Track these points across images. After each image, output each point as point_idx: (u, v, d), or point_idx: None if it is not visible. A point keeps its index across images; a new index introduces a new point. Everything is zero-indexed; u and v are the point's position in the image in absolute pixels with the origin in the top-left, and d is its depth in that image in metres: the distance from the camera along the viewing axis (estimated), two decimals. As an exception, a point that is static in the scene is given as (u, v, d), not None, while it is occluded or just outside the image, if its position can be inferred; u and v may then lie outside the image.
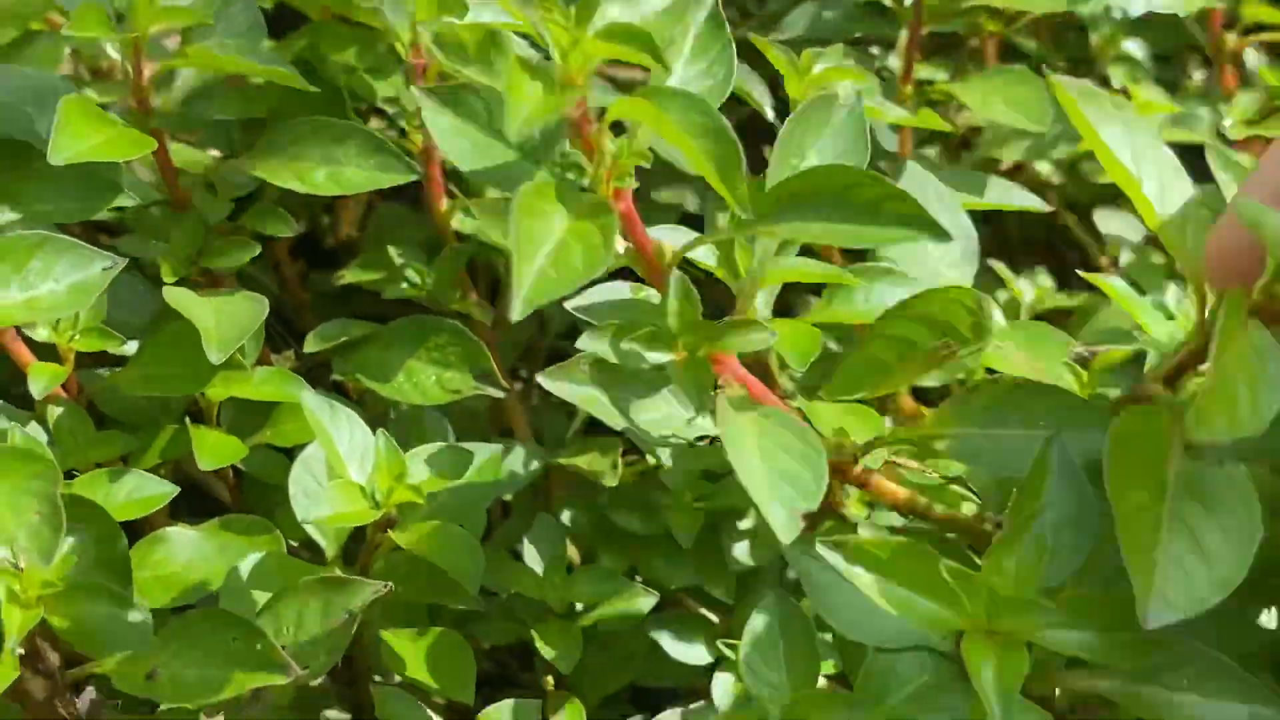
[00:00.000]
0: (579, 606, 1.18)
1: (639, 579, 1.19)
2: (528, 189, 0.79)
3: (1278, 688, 0.83)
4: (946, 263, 1.16)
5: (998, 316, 0.91)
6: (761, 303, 1.05)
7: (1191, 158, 0.99)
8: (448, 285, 1.29)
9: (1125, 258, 1.44)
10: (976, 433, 0.90)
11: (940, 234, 0.81)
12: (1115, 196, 1.45)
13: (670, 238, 0.96)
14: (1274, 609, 0.93)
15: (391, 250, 1.32)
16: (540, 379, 0.93)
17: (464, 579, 1.03)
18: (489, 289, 1.41)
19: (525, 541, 1.20)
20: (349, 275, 1.35)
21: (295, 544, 1.16)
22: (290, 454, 1.17)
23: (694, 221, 1.32)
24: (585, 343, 0.88)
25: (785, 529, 0.79)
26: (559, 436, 1.35)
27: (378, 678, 1.14)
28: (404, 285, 1.30)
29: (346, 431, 1.09)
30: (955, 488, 0.99)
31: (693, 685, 1.22)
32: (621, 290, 0.94)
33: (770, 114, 1.22)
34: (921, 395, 1.20)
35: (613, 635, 1.19)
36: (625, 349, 0.87)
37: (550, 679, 1.18)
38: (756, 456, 0.82)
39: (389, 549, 1.09)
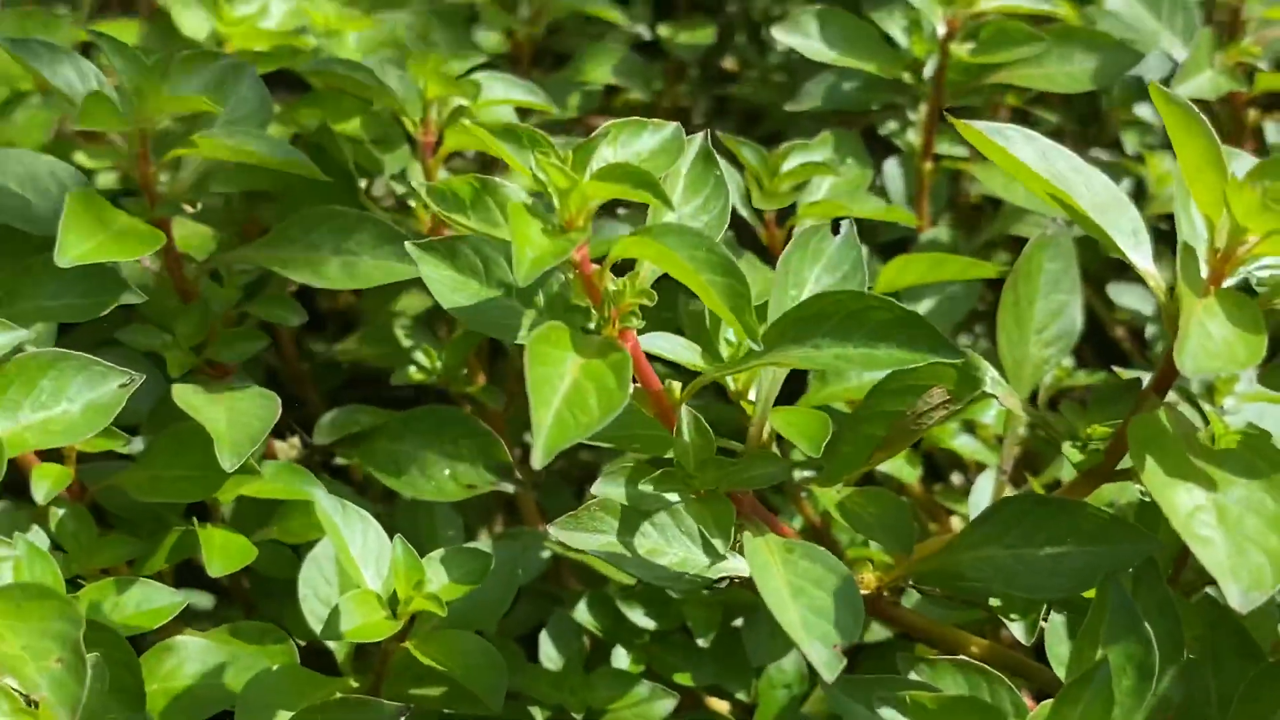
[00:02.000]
0: (597, 709, 1.14)
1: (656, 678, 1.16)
2: (540, 334, 0.76)
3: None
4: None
5: (992, 374, 0.89)
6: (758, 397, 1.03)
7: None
8: (458, 369, 1.26)
9: (1149, 331, 1.42)
10: (1004, 554, 0.88)
11: (954, 354, 0.80)
12: (1125, 269, 1.43)
13: (672, 350, 0.93)
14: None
15: (399, 331, 1.29)
16: (553, 530, 0.90)
17: (487, 694, 1.00)
18: (491, 363, 1.37)
19: (541, 640, 1.16)
20: (352, 350, 1.32)
21: (302, 643, 1.12)
22: (298, 550, 1.14)
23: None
24: (600, 488, 0.86)
25: (828, 667, 0.76)
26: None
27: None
28: (412, 369, 1.26)
29: (360, 534, 1.05)
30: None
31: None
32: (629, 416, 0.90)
33: (747, 214, 1.20)
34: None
35: (629, 741, 1.15)
36: (641, 491, 0.84)
37: (564, 791, 1.15)
38: (787, 594, 0.80)
39: (404, 658, 1.05)
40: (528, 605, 1.26)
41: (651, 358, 0.89)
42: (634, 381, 0.89)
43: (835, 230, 0.96)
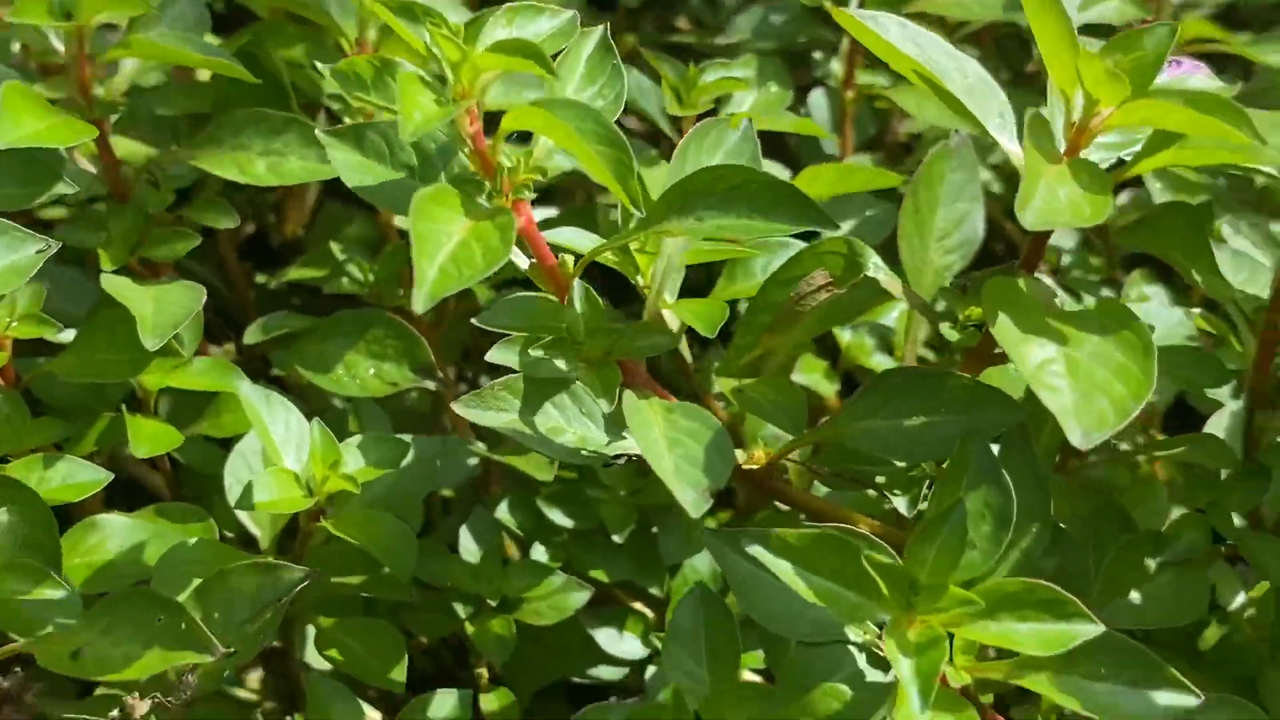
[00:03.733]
0: (513, 599, 1.19)
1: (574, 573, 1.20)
2: (424, 194, 0.82)
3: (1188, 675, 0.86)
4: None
5: (875, 260, 0.93)
6: (668, 292, 1.07)
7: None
8: (390, 282, 1.30)
9: (1065, 260, 1.46)
10: (882, 424, 0.92)
11: (829, 224, 0.84)
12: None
13: (574, 239, 0.98)
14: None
15: (334, 247, 1.33)
16: (456, 408, 0.94)
17: (396, 568, 1.04)
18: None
19: (461, 534, 1.20)
20: (293, 272, 1.36)
21: (231, 535, 1.17)
22: (228, 446, 1.18)
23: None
24: (494, 354, 0.90)
25: (694, 506, 0.81)
26: (499, 435, 1.36)
27: (311, 668, 1.14)
28: (345, 280, 1.31)
29: (282, 420, 1.10)
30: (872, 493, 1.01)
31: (628, 683, 1.23)
32: (531, 300, 0.95)
33: (666, 126, 1.24)
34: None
35: (547, 629, 1.20)
36: (533, 357, 0.89)
37: (484, 672, 1.19)
38: (664, 445, 0.84)
39: (322, 539, 1.10)
40: (459, 517, 1.30)
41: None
42: (530, 258, 0.94)
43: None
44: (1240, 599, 1.12)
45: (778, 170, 1.32)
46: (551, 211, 1.34)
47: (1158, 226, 0.90)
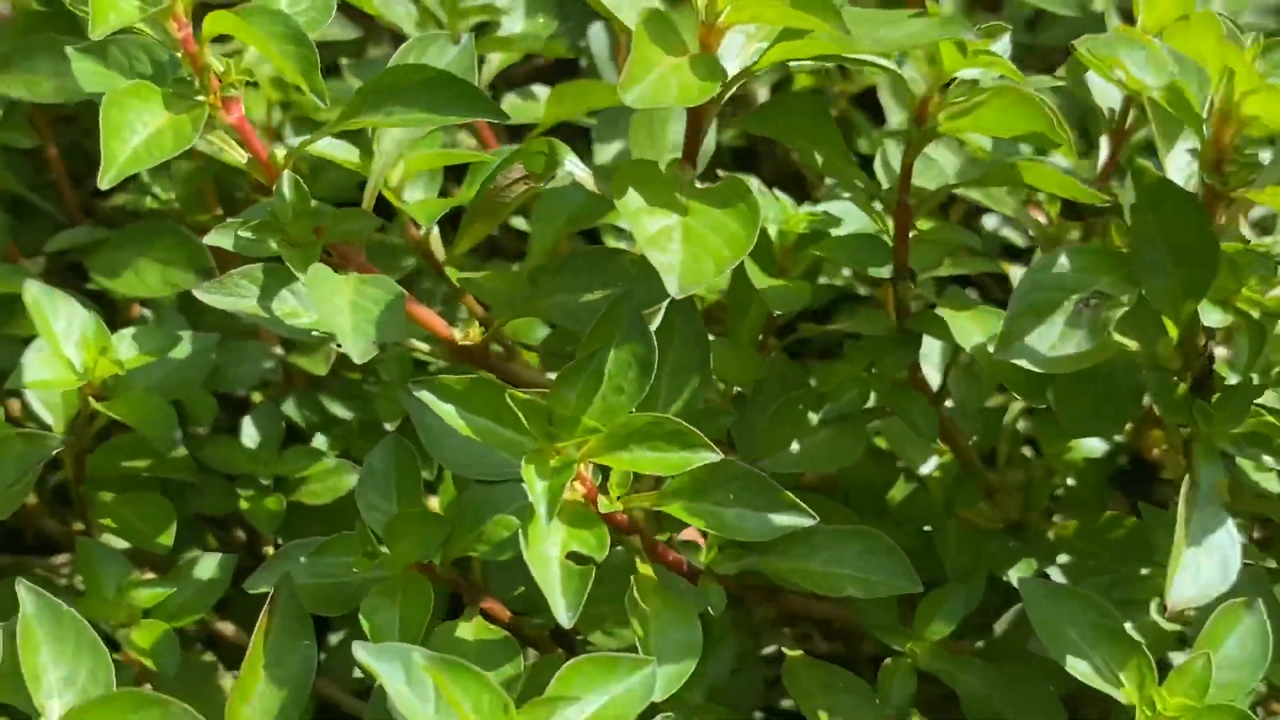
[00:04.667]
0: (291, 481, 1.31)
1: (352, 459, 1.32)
2: (120, 89, 0.93)
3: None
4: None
5: (571, 158, 1.05)
6: (422, 191, 1.20)
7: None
8: (190, 200, 1.42)
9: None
10: (569, 298, 1.05)
11: (499, 114, 0.97)
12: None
13: (326, 148, 1.11)
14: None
15: (145, 175, 1.45)
16: (197, 294, 1.05)
17: (158, 440, 1.17)
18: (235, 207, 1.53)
19: (244, 424, 1.33)
20: (116, 199, 1.48)
21: (32, 425, 1.29)
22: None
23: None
24: (210, 238, 1.02)
25: (360, 354, 0.93)
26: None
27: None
28: (149, 199, 1.43)
29: (65, 317, 1.22)
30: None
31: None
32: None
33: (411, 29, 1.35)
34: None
35: (324, 508, 1.32)
36: (243, 238, 1.01)
37: (271, 549, 1.31)
38: (348, 309, 0.96)
39: (104, 422, 1.22)
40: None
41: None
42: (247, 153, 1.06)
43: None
44: (932, 463, 1.26)
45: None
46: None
47: (782, 113, 1.03)
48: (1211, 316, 0.93)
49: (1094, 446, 1.25)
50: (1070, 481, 1.25)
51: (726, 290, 1.23)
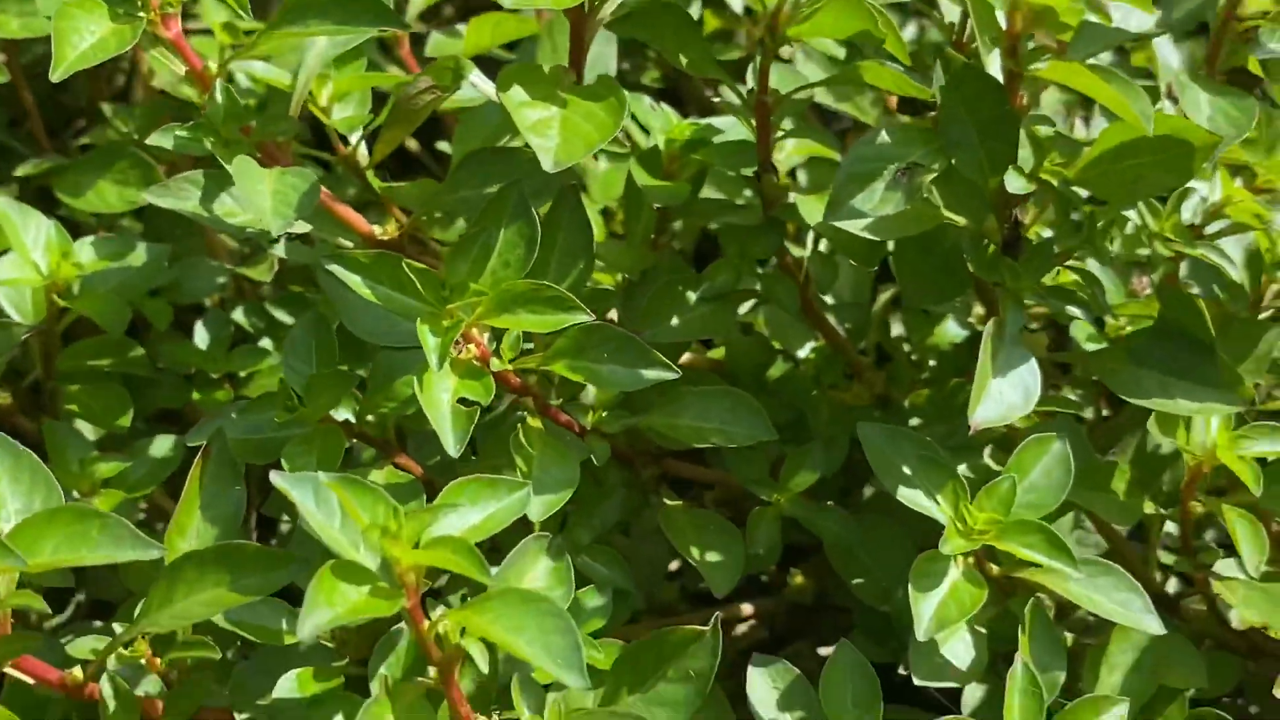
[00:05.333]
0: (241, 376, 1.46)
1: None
2: (68, 1, 1.07)
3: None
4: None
5: (475, 73, 1.19)
6: (350, 111, 1.34)
7: None
8: (148, 131, 1.56)
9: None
10: (470, 193, 1.19)
11: (400, 24, 1.11)
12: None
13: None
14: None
15: (105, 107, 1.60)
16: (145, 195, 1.19)
17: (111, 326, 1.31)
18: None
19: (196, 328, 1.47)
20: (87, 138, 1.64)
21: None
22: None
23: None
24: (153, 138, 1.16)
25: (278, 228, 1.08)
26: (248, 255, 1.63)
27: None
28: (110, 131, 1.57)
29: (34, 230, 1.37)
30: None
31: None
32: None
33: None
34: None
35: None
36: (179, 137, 1.15)
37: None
38: (267, 195, 1.11)
39: (69, 322, 1.37)
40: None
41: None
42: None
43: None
44: (808, 348, 1.40)
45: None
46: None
47: (648, 18, 1.17)
48: (1014, 184, 1.07)
49: (955, 331, 1.39)
50: (932, 362, 1.39)
51: (624, 196, 1.38)
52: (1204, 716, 1.18)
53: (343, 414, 1.18)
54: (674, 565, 1.48)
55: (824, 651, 1.42)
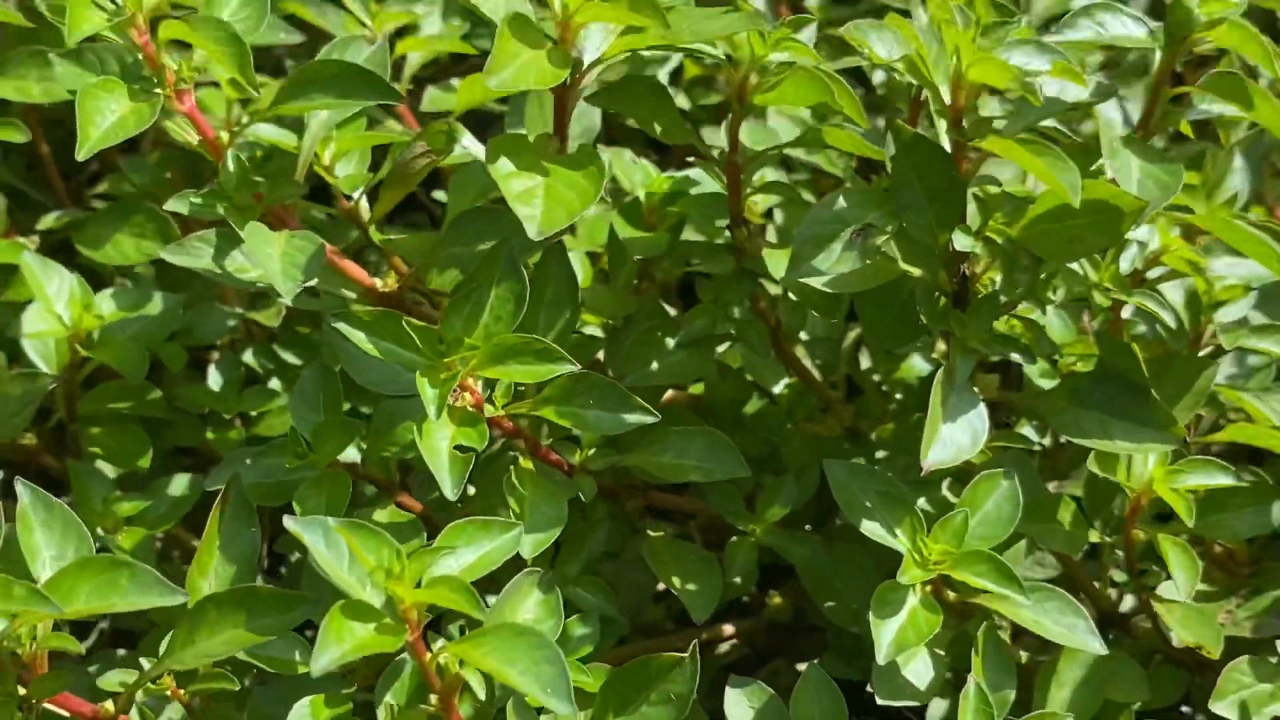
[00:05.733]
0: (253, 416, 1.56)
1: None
2: (91, 83, 1.17)
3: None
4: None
5: (466, 137, 1.29)
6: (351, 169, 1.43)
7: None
8: (161, 185, 1.66)
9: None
10: (465, 251, 1.29)
11: (394, 96, 1.21)
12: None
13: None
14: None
15: (121, 162, 1.70)
16: (162, 254, 1.29)
17: (131, 373, 1.41)
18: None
19: (210, 370, 1.57)
20: (102, 187, 1.73)
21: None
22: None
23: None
24: (170, 204, 1.26)
25: (288, 293, 1.17)
26: (257, 297, 1.72)
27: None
28: (125, 185, 1.67)
29: (56, 282, 1.47)
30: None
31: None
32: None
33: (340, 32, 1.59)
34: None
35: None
36: (195, 203, 1.25)
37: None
38: (277, 258, 1.20)
39: (90, 369, 1.47)
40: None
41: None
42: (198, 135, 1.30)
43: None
44: (781, 385, 1.50)
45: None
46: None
47: (624, 92, 1.27)
48: (961, 242, 1.17)
49: (920, 366, 1.49)
50: (899, 396, 1.49)
51: (607, 245, 1.48)
52: (1150, 729, 1.29)
53: (349, 457, 1.27)
54: (660, 587, 1.58)
55: (802, 668, 1.51)
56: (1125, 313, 1.38)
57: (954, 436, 1.17)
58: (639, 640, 1.45)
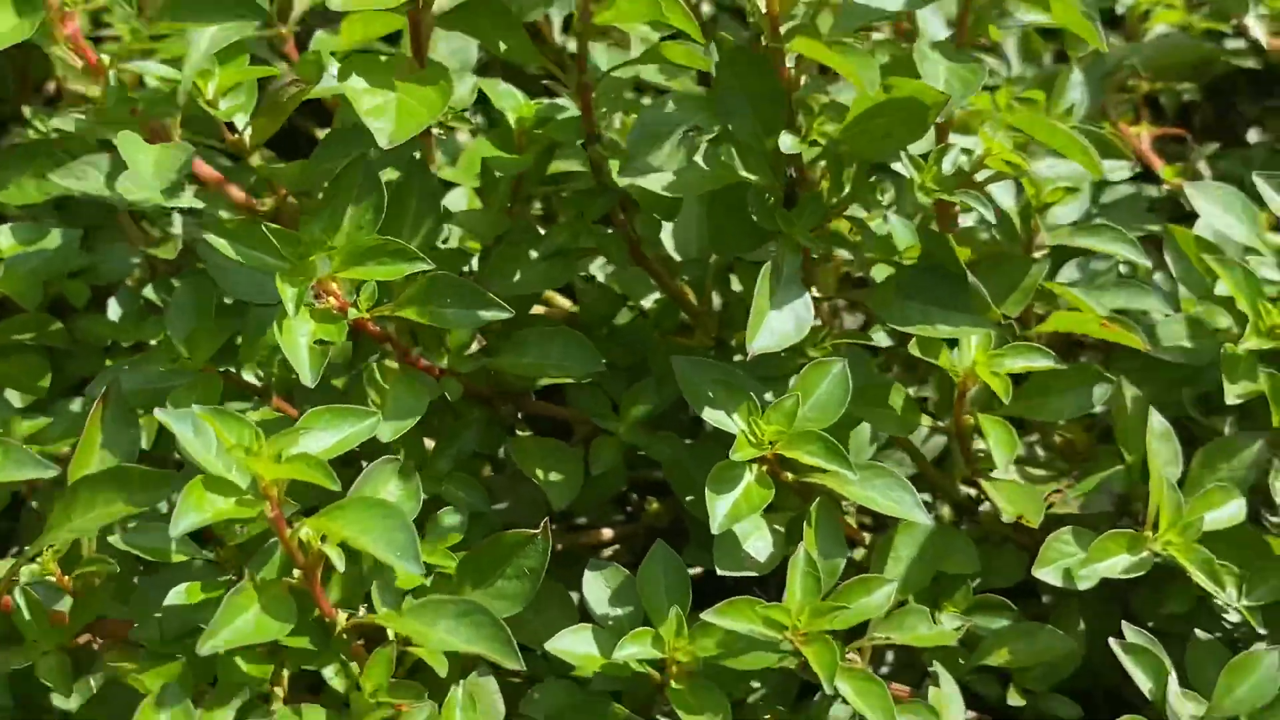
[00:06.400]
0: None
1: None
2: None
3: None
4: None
5: (335, 65, 1.37)
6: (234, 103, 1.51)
7: None
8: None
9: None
10: (332, 166, 1.36)
11: (262, 15, 1.29)
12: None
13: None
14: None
15: (26, 110, 1.77)
16: (53, 177, 1.36)
17: (27, 303, 1.49)
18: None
19: (110, 302, 1.64)
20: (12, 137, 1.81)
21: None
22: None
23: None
24: (55, 122, 1.34)
25: (153, 191, 1.25)
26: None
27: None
28: (31, 132, 1.75)
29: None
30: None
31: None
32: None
33: None
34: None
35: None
36: (79, 120, 1.33)
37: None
38: (151, 166, 1.28)
39: (-7, 299, 1.55)
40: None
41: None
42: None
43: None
44: (651, 299, 1.58)
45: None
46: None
47: (470, 13, 1.34)
48: (786, 143, 1.25)
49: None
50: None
51: (480, 171, 1.56)
52: (986, 602, 1.37)
53: (224, 365, 1.36)
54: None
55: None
56: (968, 220, 1.47)
57: (780, 324, 1.25)
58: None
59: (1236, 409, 1.38)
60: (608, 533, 1.58)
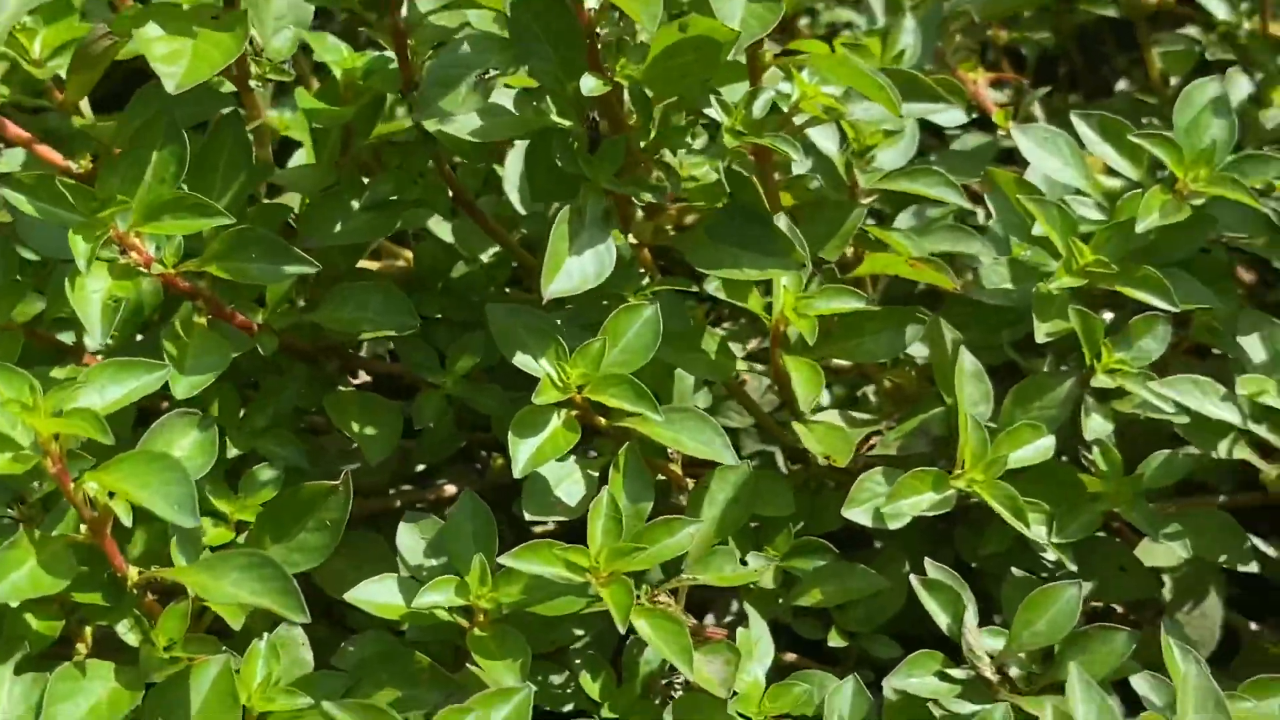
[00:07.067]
0: None
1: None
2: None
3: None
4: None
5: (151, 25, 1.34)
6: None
7: None
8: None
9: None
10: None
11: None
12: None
13: None
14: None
15: None
16: None
17: None
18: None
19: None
20: None
21: None
22: None
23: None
24: None
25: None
26: None
27: None
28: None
29: None
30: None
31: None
32: None
33: None
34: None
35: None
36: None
37: None
38: None
39: None
40: None
41: None
42: None
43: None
44: (490, 252, 1.57)
45: None
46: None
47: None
48: (587, 84, 1.23)
49: (618, 232, 1.56)
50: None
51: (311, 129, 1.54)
52: (807, 545, 1.37)
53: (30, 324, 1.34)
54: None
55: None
56: (798, 169, 1.46)
57: (580, 268, 1.24)
58: (359, 500, 1.52)
59: (1055, 350, 1.37)
60: (451, 489, 1.57)
